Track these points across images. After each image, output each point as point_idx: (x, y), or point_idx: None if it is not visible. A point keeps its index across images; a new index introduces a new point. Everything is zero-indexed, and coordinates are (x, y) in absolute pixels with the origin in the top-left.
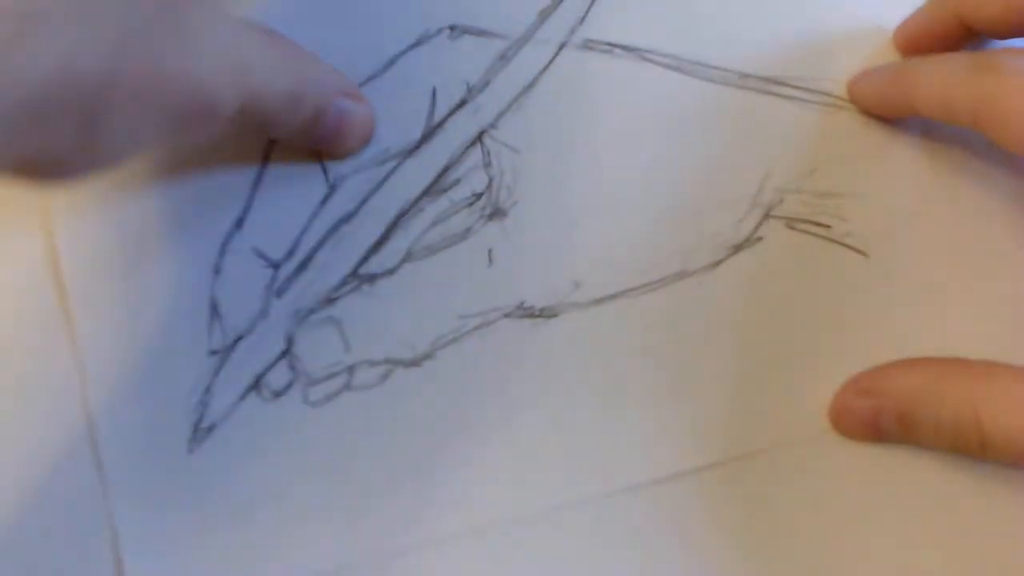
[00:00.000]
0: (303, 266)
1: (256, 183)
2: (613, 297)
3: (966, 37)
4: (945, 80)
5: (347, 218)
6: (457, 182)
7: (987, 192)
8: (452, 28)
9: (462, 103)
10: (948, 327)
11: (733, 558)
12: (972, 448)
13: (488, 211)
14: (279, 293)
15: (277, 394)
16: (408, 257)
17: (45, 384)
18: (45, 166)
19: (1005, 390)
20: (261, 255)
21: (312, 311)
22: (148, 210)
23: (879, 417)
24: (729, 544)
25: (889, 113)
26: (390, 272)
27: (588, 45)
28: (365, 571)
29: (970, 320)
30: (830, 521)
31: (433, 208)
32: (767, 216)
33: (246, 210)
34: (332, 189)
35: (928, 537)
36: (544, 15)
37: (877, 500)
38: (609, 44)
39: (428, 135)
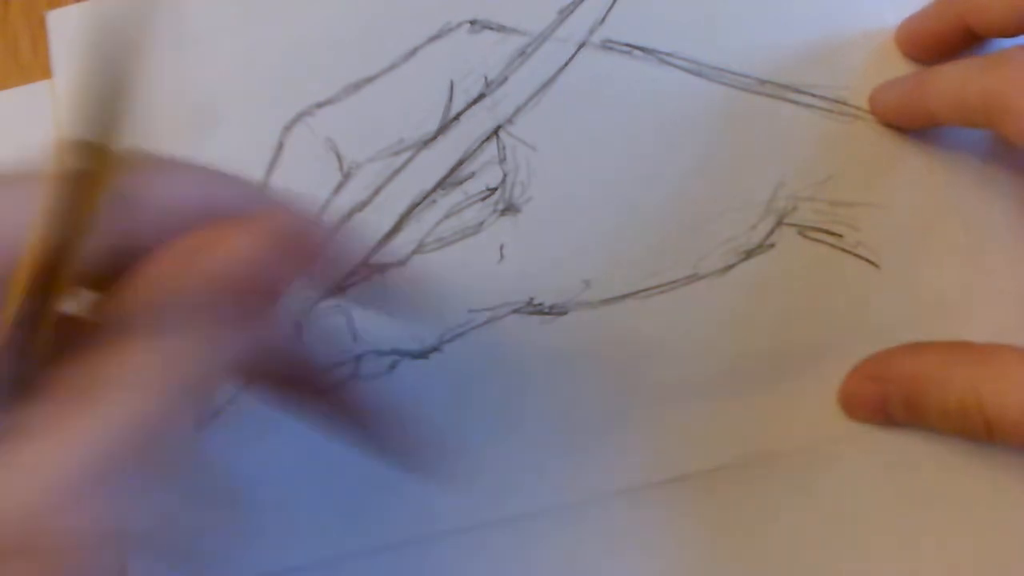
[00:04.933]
0: None
1: (270, 168)
2: (623, 297)
3: (969, 39)
4: (959, 81)
5: (360, 207)
6: (472, 176)
7: (998, 206)
8: (473, 22)
9: (480, 97)
10: (957, 339)
11: (735, 560)
12: (979, 432)
13: (501, 206)
14: None
15: None
16: (419, 249)
17: None
18: None
19: (1009, 372)
20: None
21: (321, 299)
22: None
23: (886, 402)
24: (730, 546)
25: (909, 123)
26: (401, 263)
27: (607, 45)
28: (363, 563)
29: (978, 333)
30: (833, 525)
31: (446, 201)
32: (780, 223)
33: None
34: (346, 177)
35: (937, 543)
36: (564, 14)
37: (882, 506)
38: (628, 45)
39: (444, 127)
